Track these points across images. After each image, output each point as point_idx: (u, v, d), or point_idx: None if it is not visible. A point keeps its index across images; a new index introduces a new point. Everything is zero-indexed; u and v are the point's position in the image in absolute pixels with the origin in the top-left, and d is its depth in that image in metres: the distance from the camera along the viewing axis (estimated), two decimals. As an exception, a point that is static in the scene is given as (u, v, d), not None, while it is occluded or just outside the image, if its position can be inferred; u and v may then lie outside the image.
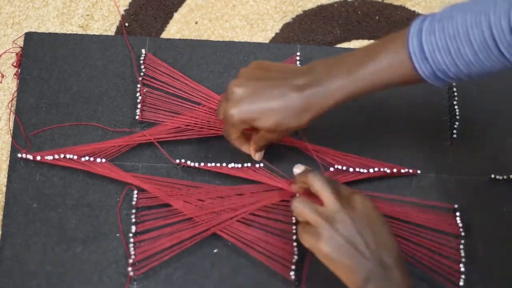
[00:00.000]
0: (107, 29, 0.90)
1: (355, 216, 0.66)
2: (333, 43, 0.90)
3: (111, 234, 0.78)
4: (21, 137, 0.82)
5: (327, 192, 0.67)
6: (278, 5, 0.92)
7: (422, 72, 0.64)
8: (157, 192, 0.78)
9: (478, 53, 0.60)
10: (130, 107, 0.84)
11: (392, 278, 0.64)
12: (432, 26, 0.63)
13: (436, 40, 0.62)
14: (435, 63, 0.63)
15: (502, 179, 0.82)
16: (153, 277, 0.76)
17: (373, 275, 0.64)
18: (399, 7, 0.92)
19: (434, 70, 0.63)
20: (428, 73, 0.64)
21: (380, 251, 0.65)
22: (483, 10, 0.59)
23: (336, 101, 0.68)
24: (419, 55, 0.63)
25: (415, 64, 0.64)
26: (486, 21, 0.59)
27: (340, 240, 0.65)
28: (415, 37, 0.63)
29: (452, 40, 0.61)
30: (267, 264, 0.75)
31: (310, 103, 0.68)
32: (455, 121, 0.83)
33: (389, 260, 0.65)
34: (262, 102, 0.68)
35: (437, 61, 0.63)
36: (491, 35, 0.59)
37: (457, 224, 0.79)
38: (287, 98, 0.68)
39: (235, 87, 0.69)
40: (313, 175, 0.69)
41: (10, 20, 0.90)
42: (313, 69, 0.69)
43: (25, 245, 0.77)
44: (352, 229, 0.65)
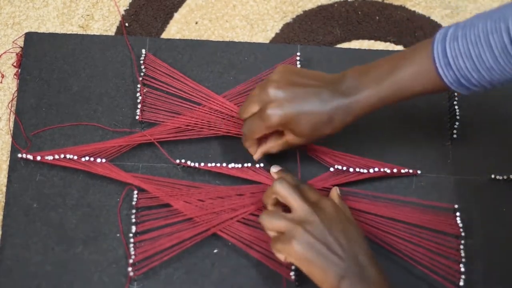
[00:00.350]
0: (107, 29, 0.90)
1: (324, 217, 0.68)
2: (333, 43, 0.90)
3: (111, 234, 0.78)
4: (21, 137, 0.82)
5: (294, 197, 0.69)
6: (278, 5, 0.92)
7: (446, 79, 0.65)
8: (157, 192, 0.78)
9: (498, 58, 0.62)
10: (130, 107, 0.84)
11: (368, 275, 0.65)
12: (455, 33, 0.64)
13: (459, 46, 0.63)
14: (458, 69, 0.64)
15: (502, 179, 0.82)
16: (153, 277, 0.76)
17: (348, 274, 0.65)
18: (399, 7, 0.92)
19: (457, 77, 0.65)
20: (452, 79, 0.65)
21: (353, 249, 0.66)
22: (502, 17, 0.61)
23: (364, 110, 0.70)
24: (443, 61, 0.65)
25: (439, 71, 0.65)
26: (505, 26, 0.60)
27: (311, 239, 0.66)
28: (439, 44, 0.65)
29: (474, 45, 0.63)
30: (267, 264, 0.75)
31: (343, 111, 0.70)
32: (455, 121, 0.83)
33: (363, 259, 0.66)
34: (303, 106, 0.70)
35: (460, 67, 0.64)
36: (510, 40, 0.60)
37: (457, 224, 0.79)
38: (324, 104, 0.70)
39: (275, 89, 0.71)
40: (277, 183, 0.70)
41: (10, 20, 0.90)
42: (345, 77, 0.71)
43: (25, 245, 0.77)
44: (323, 229, 0.66)
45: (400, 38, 0.91)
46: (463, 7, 0.92)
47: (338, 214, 0.69)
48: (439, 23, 0.91)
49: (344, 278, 0.64)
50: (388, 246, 0.77)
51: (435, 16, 0.92)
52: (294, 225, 0.67)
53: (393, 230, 0.78)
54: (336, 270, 0.65)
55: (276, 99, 0.70)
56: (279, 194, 0.70)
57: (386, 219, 0.78)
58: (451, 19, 0.92)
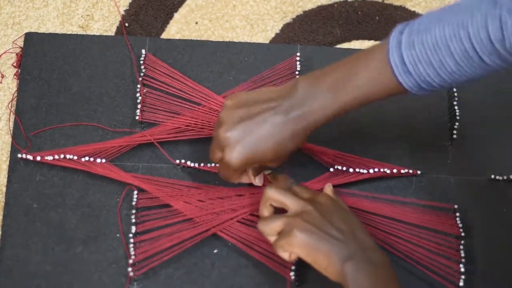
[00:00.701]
0: (107, 29, 0.90)
1: (321, 208, 0.68)
2: (333, 44, 0.90)
3: (111, 234, 0.78)
4: (21, 137, 0.82)
5: (287, 197, 0.69)
6: (278, 5, 0.92)
7: (406, 85, 0.64)
8: (157, 192, 0.78)
9: (459, 62, 0.61)
10: (130, 107, 0.84)
11: (371, 256, 0.65)
12: (411, 39, 0.63)
13: (417, 53, 0.62)
14: (418, 76, 0.63)
15: (502, 179, 0.82)
16: (153, 277, 0.76)
17: (352, 256, 0.65)
18: (399, 8, 0.92)
19: (418, 82, 0.64)
20: (412, 85, 0.64)
21: (354, 233, 0.67)
22: (461, 23, 0.60)
23: (321, 120, 0.68)
24: (401, 69, 0.64)
25: (399, 78, 0.64)
26: (465, 33, 0.59)
27: (311, 227, 0.66)
28: (395, 51, 0.64)
29: (433, 52, 0.62)
30: (267, 264, 0.75)
31: (297, 124, 0.68)
32: (455, 121, 0.83)
33: (365, 241, 0.67)
34: (257, 140, 0.69)
35: (420, 74, 0.63)
36: (471, 46, 0.60)
37: (457, 225, 0.79)
38: (276, 126, 0.68)
39: (225, 133, 0.69)
40: (267, 189, 0.71)
41: (10, 20, 0.90)
42: (296, 89, 0.69)
43: (25, 245, 0.77)
44: (321, 217, 0.67)
45: (400, 38, 0.90)
46: (463, 7, 0.92)
47: (334, 205, 0.70)
48: (439, 23, 0.91)
49: (348, 260, 0.64)
50: (388, 246, 0.77)
51: (435, 16, 0.92)
52: (292, 218, 0.67)
53: (393, 230, 0.78)
54: (339, 253, 0.65)
55: (228, 143, 0.69)
56: (272, 199, 0.70)
57: (386, 219, 0.78)
58: (451, 19, 0.92)
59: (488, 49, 0.59)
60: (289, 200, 0.69)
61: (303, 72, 0.85)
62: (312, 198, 0.71)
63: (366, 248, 0.66)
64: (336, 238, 0.66)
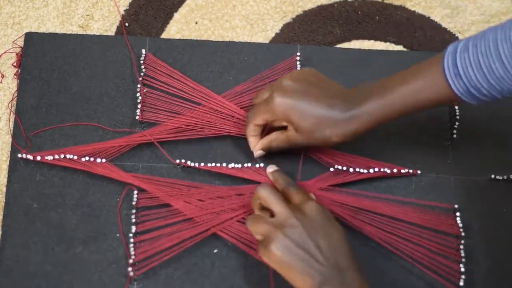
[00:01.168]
0: (107, 29, 0.90)
1: (305, 221, 0.67)
2: (333, 43, 0.90)
3: (111, 234, 0.78)
4: (21, 137, 0.82)
5: (275, 202, 0.69)
6: (278, 5, 0.92)
7: (456, 89, 0.66)
8: (157, 192, 0.78)
9: (508, 67, 0.62)
10: (130, 107, 0.84)
11: (348, 281, 0.64)
12: (466, 44, 0.65)
13: (469, 56, 0.64)
14: (468, 79, 0.65)
15: (502, 179, 0.82)
16: (153, 277, 0.76)
17: (329, 279, 0.64)
18: (399, 7, 0.92)
19: (467, 87, 0.65)
20: (462, 90, 0.66)
21: (334, 254, 0.65)
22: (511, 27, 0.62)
23: (370, 121, 0.70)
24: (453, 71, 0.65)
25: (449, 81, 0.66)
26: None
27: (290, 244, 0.65)
28: (450, 56, 0.66)
29: (484, 56, 0.63)
30: (267, 264, 0.75)
31: (349, 118, 0.70)
32: (455, 121, 0.83)
33: (344, 263, 0.65)
34: (310, 102, 0.71)
35: (470, 77, 0.64)
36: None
37: (457, 224, 0.79)
38: (331, 110, 0.70)
39: (289, 80, 0.73)
40: (260, 187, 0.71)
41: (10, 20, 0.90)
42: (357, 89, 0.72)
43: (25, 245, 0.77)
44: (303, 233, 0.66)
45: (400, 38, 0.91)
46: (463, 7, 0.92)
47: (321, 217, 0.68)
48: (439, 23, 0.91)
49: (324, 284, 0.64)
50: (388, 245, 0.77)
51: (435, 16, 0.92)
52: (274, 229, 0.66)
53: (393, 229, 0.78)
54: (316, 275, 0.64)
55: (287, 89, 0.72)
56: (261, 199, 0.70)
57: (386, 218, 0.78)
58: (451, 19, 0.92)
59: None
60: (276, 206, 0.69)
61: (303, 72, 0.85)
62: (300, 205, 0.69)
63: (345, 271, 0.65)
64: (315, 259, 0.65)
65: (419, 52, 0.89)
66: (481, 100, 0.67)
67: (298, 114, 0.71)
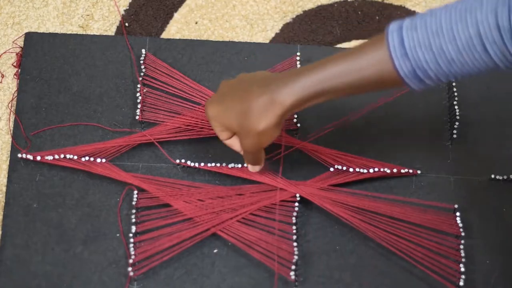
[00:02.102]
0: (107, 29, 0.90)
1: None
2: (333, 43, 0.90)
3: (111, 234, 0.78)
4: (21, 137, 0.82)
5: None
6: (278, 5, 0.92)
7: (401, 69, 0.61)
8: (157, 192, 0.78)
9: (461, 50, 0.59)
10: (130, 107, 0.84)
11: None
12: (413, 22, 0.61)
13: (418, 35, 0.60)
14: (415, 60, 0.60)
15: (502, 179, 0.82)
16: (153, 277, 0.76)
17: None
18: (399, 7, 0.92)
19: (414, 68, 0.61)
20: (407, 70, 0.61)
21: None
22: (469, 8, 0.58)
23: (302, 96, 0.65)
24: (399, 51, 0.61)
25: (395, 61, 0.61)
26: (473, 18, 0.58)
27: None
28: (395, 33, 0.61)
29: (435, 36, 0.59)
30: (267, 264, 0.75)
31: (271, 100, 0.66)
32: (455, 121, 0.83)
33: None
34: (228, 102, 0.69)
35: (418, 58, 0.60)
36: (477, 32, 0.57)
37: (457, 224, 0.79)
38: (247, 97, 0.67)
39: (221, 86, 0.72)
40: None
41: (10, 20, 0.90)
42: (288, 71, 0.68)
43: (25, 245, 0.77)
44: None
45: (400, 38, 0.90)
46: (463, 7, 0.92)
47: None
48: (439, 23, 0.91)
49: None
50: (388, 245, 0.77)
51: (435, 16, 0.92)
52: None
53: (394, 229, 0.77)
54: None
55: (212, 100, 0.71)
56: None
57: (386, 218, 0.78)
58: (451, 19, 0.91)
59: (493, 37, 0.57)
60: None
61: (303, 72, 0.85)
62: None
63: None
64: None
65: (419, 52, 0.89)
66: (423, 84, 0.62)
67: (224, 117, 0.69)
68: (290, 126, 0.82)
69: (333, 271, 0.77)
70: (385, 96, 0.84)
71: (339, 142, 0.83)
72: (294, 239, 0.76)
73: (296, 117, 0.83)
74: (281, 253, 0.75)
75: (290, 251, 0.75)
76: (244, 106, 0.67)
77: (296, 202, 0.78)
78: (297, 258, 0.75)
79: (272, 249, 0.75)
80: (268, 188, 0.79)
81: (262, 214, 0.78)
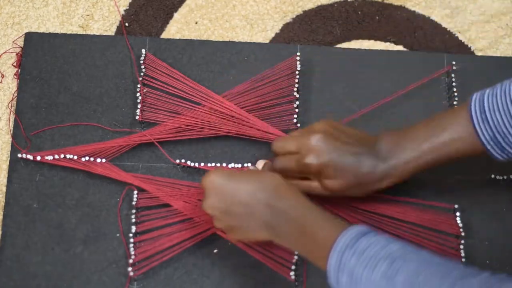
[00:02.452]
0: (107, 29, 0.90)
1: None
2: (333, 43, 0.90)
3: (111, 234, 0.78)
4: (21, 137, 0.82)
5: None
6: (278, 5, 0.92)
7: (481, 134, 0.65)
8: (157, 192, 0.78)
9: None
10: (130, 107, 0.84)
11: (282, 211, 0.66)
12: (494, 90, 0.65)
13: (497, 100, 0.64)
14: (494, 124, 0.64)
15: (502, 179, 0.82)
16: (153, 277, 0.76)
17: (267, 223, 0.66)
18: (399, 7, 0.92)
19: (493, 132, 0.65)
20: (488, 136, 0.65)
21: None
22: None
23: (401, 177, 0.70)
24: (480, 116, 0.65)
25: (476, 126, 0.65)
26: None
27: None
28: (477, 101, 0.66)
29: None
30: (267, 264, 0.75)
31: (379, 175, 0.70)
32: (455, 121, 0.83)
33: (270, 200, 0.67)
34: (341, 160, 0.70)
35: (497, 121, 0.64)
36: None
37: (457, 224, 0.79)
38: (360, 164, 0.70)
39: (318, 138, 0.71)
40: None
41: (10, 20, 0.90)
42: (381, 141, 0.72)
43: (25, 245, 0.77)
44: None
45: (400, 38, 0.91)
46: (463, 7, 0.92)
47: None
48: (439, 23, 0.91)
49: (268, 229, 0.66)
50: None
51: (435, 16, 0.92)
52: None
53: (394, 229, 0.78)
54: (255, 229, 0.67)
55: (316, 148, 0.70)
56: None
57: (386, 218, 0.78)
58: (451, 19, 0.92)
59: None
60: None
61: (303, 72, 0.85)
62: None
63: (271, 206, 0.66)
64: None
65: (419, 52, 0.89)
66: (505, 151, 0.66)
67: (329, 172, 0.70)
68: (290, 126, 0.82)
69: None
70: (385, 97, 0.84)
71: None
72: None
73: (296, 117, 0.83)
74: (281, 253, 0.75)
75: (290, 251, 0.75)
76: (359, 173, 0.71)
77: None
78: (297, 258, 0.75)
79: (272, 249, 0.75)
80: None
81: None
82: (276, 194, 0.67)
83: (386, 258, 0.57)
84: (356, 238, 0.59)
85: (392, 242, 0.59)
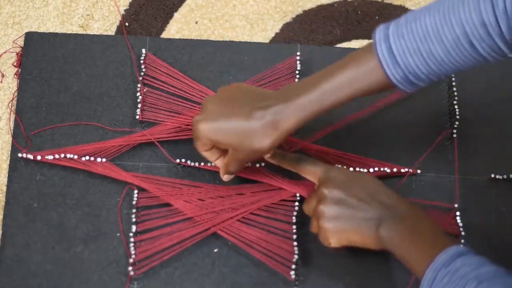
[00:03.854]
0: (107, 29, 0.90)
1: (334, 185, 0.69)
2: (333, 43, 0.90)
3: (111, 233, 0.78)
4: (21, 136, 0.82)
5: None
6: (278, 5, 0.92)
7: (393, 77, 0.64)
8: (157, 191, 0.78)
9: (450, 50, 0.61)
10: (130, 107, 0.84)
11: (400, 212, 0.67)
12: (399, 30, 0.63)
13: (406, 42, 0.62)
14: (406, 66, 0.63)
15: (502, 179, 0.82)
16: (153, 277, 0.76)
17: (381, 218, 0.66)
18: (399, 7, 0.92)
19: (405, 74, 0.63)
20: (400, 77, 0.64)
21: (376, 197, 0.68)
22: (451, 9, 0.60)
23: (303, 117, 0.67)
24: (390, 60, 0.63)
25: (386, 70, 0.63)
26: (457, 17, 0.59)
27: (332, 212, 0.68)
28: (383, 43, 0.63)
29: (423, 40, 0.61)
30: (267, 264, 0.75)
31: (273, 121, 0.67)
32: (455, 121, 0.83)
33: (389, 201, 0.67)
34: (225, 121, 0.69)
35: (408, 64, 0.63)
36: (463, 31, 0.59)
37: (457, 224, 0.79)
38: (249, 117, 0.68)
39: (208, 102, 0.71)
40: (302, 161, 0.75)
41: (11, 20, 0.90)
42: (284, 90, 0.69)
43: (25, 244, 0.77)
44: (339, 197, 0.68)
45: (400, 38, 0.91)
46: (463, 7, 0.92)
47: (346, 174, 0.71)
48: (439, 23, 0.91)
49: (379, 226, 0.66)
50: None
51: (435, 16, 0.92)
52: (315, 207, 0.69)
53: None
54: (369, 223, 0.66)
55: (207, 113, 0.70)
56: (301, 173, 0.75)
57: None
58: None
59: (480, 34, 0.59)
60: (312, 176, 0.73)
61: (303, 72, 0.85)
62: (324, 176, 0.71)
63: (390, 206, 0.67)
64: (361, 210, 0.67)
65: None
66: (415, 86, 0.65)
67: (220, 135, 0.69)
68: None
69: (333, 271, 0.77)
70: (385, 97, 0.84)
71: (339, 142, 0.83)
72: (294, 239, 0.76)
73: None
74: (282, 252, 0.75)
75: (290, 251, 0.75)
76: (244, 126, 0.68)
77: (296, 201, 0.78)
78: (297, 257, 0.75)
79: (272, 249, 0.75)
80: (268, 187, 0.79)
81: (262, 213, 0.78)
82: (389, 193, 0.68)
83: (474, 280, 0.57)
84: (453, 258, 0.60)
85: (485, 264, 0.59)
